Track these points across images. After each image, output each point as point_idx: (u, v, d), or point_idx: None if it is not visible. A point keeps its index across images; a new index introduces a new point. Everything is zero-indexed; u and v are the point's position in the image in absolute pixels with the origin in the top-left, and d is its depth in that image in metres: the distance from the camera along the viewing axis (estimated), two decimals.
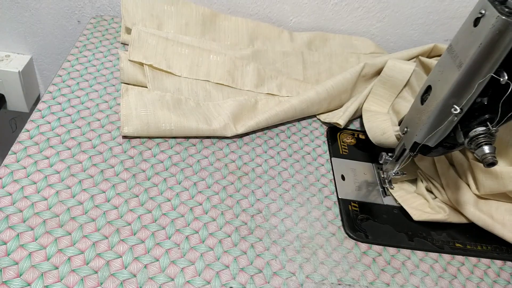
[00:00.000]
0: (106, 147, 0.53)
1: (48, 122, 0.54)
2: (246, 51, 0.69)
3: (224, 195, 0.52)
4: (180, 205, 0.50)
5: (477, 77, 0.41)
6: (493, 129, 0.43)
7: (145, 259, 0.44)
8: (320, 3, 0.77)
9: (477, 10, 0.40)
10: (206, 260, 0.45)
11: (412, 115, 0.51)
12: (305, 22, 0.80)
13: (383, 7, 0.78)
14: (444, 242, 0.53)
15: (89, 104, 0.58)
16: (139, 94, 0.56)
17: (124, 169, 0.51)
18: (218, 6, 0.77)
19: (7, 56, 0.85)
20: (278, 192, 0.54)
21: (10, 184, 0.47)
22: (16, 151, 0.50)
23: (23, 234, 0.43)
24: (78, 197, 0.47)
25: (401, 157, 0.54)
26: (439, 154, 0.50)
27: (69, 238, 0.44)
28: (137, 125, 0.53)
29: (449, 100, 0.44)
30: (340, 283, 0.47)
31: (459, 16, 0.79)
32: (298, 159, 0.60)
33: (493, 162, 0.42)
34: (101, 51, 0.67)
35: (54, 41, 0.84)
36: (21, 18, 0.80)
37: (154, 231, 0.46)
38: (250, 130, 0.59)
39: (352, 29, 0.81)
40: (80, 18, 0.80)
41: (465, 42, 0.42)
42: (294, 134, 0.63)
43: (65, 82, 0.60)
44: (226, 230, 0.49)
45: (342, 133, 0.65)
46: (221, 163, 0.56)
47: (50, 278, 0.40)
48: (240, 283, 0.44)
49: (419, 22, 0.80)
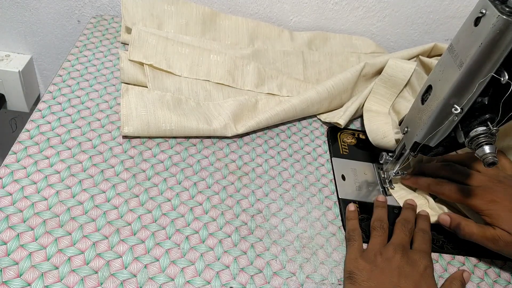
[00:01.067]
0: (106, 147, 0.53)
1: (48, 122, 0.54)
2: (246, 50, 0.69)
3: (224, 195, 0.52)
4: (180, 205, 0.50)
5: (478, 77, 0.41)
6: (494, 129, 0.43)
7: (145, 259, 0.44)
8: (320, 3, 0.77)
9: (478, 9, 0.40)
10: (206, 260, 0.45)
11: (412, 115, 0.51)
12: (305, 22, 0.80)
13: (383, 6, 0.78)
14: (445, 242, 0.53)
15: (89, 104, 0.58)
16: (140, 94, 0.56)
17: (124, 169, 0.51)
18: (218, 6, 0.77)
19: (7, 56, 0.85)
20: (278, 192, 0.54)
21: (10, 184, 0.47)
22: (16, 151, 0.50)
23: (23, 234, 0.43)
24: (78, 197, 0.47)
25: (401, 157, 0.54)
26: (440, 154, 0.50)
27: (69, 238, 0.44)
28: (138, 125, 0.53)
29: (450, 99, 0.44)
30: (340, 283, 0.47)
31: (460, 16, 0.79)
32: (298, 159, 0.59)
33: (494, 162, 0.42)
34: (101, 50, 0.67)
35: (54, 40, 0.84)
36: (21, 18, 0.80)
37: (154, 231, 0.46)
38: (250, 130, 0.59)
39: (352, 28, 0.81)
40: (80, 18, 0.80)
41: (466, 41, 0.42)
42: (295, 134, 0.63)
43: (65, 82, 0.60)
44: (226, 230, 0.49)
45: (342, 133, 0.64)
46: (221, 163, 0.56)
47: (50, 278, 0.40)
48: (240, 283, 0.44)
49: (419, 22, 0.80)
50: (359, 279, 0.44)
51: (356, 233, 0.50)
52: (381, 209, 0.53)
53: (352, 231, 0.50)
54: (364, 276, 0.45)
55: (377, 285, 0.43)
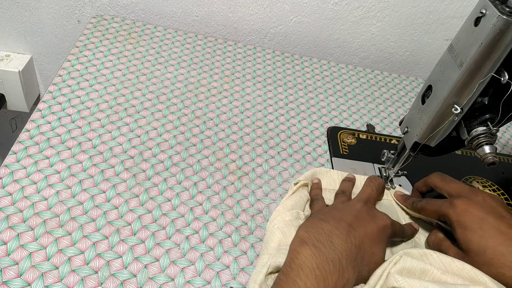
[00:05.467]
0: (106, 147, 0.53)
1: (48, 122, 0.54)
2: None
3: (224, 195, 0.52)
4: (180, 205, 0.50)
5: (478, 77, 0.41)
6: (494, 129, 0.43)
7: (145, 259, 0.44)
8: (320, 3, 0.77)
9: (478, 9, 0.40)
10: (206, 260, 0.45)
11: (412, 115, 0.51)
12: (305, 22, 0.80)
13: (383, 6, 0.78)
14: None
15: (89, 104, 0.58)
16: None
17: (124, 169, 0.51)
18: (218, 6, 0.77)
19: (7, 56, 0.85)
20: (278, 192, 0.54)
21: (10, 184, 0.47)
22: (17, 151, 0.50)
23: (23, 234, 0.43)
24: (78, 197, 0.47)
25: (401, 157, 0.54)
26: (440, 154, 0.50)
27: (69, 238, 0.44)
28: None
29: (450, 99, 0.44)
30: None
31: (460, 16, 0.79)
32: (298, 159, 0.59)
33: (494, 161, 0.42)
34: (102, 50, 0.67)
35: (54, 40, 0.84)
36: (21, 18, 0.80)
37: (154, 231, 0.46)
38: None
39: (352, 28, 0.81)
40: (80, 18, 0.80)
41: (466, 41, 0.42)
42: (295, 134, 0.63)
43: (66, 81, 0.60)
44: (226, 230, 0.49)
45: (342, 133, 0.64)
46: (221, 163, 0.56)
47: (50, 278, 0.40)
48: (241, 283, 0.44)
49: (419, 22, 0.80)
50: (315, 215, 0.44)
51: (320, 196, 0.50)
52: (347, 182, 0.53)
53: (315, 195, 0.50)
54: (319, 213, 0.44)
55: (327, 218, 0.42)
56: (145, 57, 0.69)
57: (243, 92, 0.68)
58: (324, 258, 0.37)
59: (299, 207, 0.49)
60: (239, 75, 0.71)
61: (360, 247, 0.40)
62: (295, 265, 0.37)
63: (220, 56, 0.74)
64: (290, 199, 0.49)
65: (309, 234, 0.40)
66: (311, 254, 0.37)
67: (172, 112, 0.61)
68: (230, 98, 0.66)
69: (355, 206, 0.45)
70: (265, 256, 0.43)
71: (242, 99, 0.67)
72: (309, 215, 0.48)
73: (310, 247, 0.38)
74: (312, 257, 0.37)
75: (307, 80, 0.75)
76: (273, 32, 0.82)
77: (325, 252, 0.38)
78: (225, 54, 0.75)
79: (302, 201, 0.50)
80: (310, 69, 0.78)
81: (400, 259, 0.41)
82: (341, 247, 0.39)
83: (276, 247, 0.43)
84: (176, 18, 0.80)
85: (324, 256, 0.37)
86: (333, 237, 0.39)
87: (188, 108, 0.62)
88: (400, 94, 0.78)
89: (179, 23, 0.81)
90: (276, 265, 0.41)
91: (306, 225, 0.42)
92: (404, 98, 0.77)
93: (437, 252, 0.43)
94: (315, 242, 0.39)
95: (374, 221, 0.43)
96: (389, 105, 0.75)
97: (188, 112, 0.62)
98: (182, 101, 0.63)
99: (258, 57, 0.77)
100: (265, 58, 0.77)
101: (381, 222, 0.44)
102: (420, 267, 0.41)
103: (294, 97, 0.70)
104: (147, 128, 0.57)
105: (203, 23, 0.80)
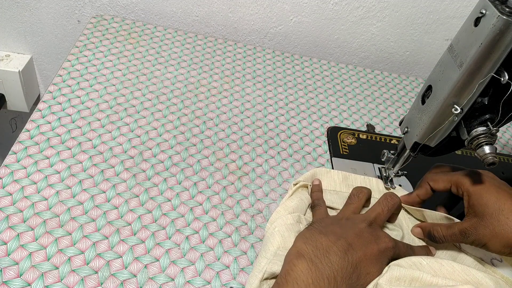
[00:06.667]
0: (106, 147, 0.53)
1: (48, 122, 0.54)
2: None
3: (224, 195, 0.52)
4: (180, 205, 0.50)
5: (478, 77, 0.41)
6: (494, 129, 0.43)
7: (145, 259, 0.44)
8: (320, 3, 0.77)
9: (478, 9, 0.40)
10: (207, 260, 0.45)
11: (412, 115, 0.51)
12: (305, 22, 0.80)
13: (383, 6, 0.78)
14: None
15: (89, 104, 0.58)
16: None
17: (124, 169, 0.51)
18: (218, 6, 0.77)
19: (7, 56, 0.85)
20: (278, 192, 0.54)
21: (10, 184, 0.47)
22: (17, 151, 0.50)
23: (23, 234, 0.43)
24: (78, 197, 0.47)
25: (401, 157, 0.54)
26: (440, 154, 0.50)
27: (69, 238, 0.44)
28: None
29: (450, 99, 0.44)
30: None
31: (460, 16, 0.79)
32: (298, 159, 0.59)
33: (494, 162, 0.42)
34: (102, 50, 0.67)
35: (54, 40, 0.84)
36: (21, 18, 0.80)
37: (154, 231, 0.46)
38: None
39: (352, 28, 0.81)
40: (80, 18, 0.80)
41: (466, 41, 0.42)
42: (295, 134, 0.63)
43: (66, 82, 0.60)
44: (226, 230, 0.49)
45: (342, 133, 0.64)
46: (221, 163, 0.56)
47: (50, 278, 0.40)
48: (241, 283, 0.44)
49: (419, 22, 0.80)
50: (316, 226, 0.43)
51: (321, 201, 0.50)
52: (362, 194, 0.51)
53: (317, 199, 0.50)
54: (320, 225, 0.43)
55: (327, 232, 0.41)
56: (145, 57, 0.69)
57: (243, 92, 0.68)
58: (320, 274, 0.37)
59: (300, 211, 0.48)
60: (239, 75, 0.71)
61: (356, 267, 0.40)
62: (290, 278, 0.37)
63: (220, 56, 0.74)
64: (291, 201, 0.49)
65: (307, 247, 0.40)
66: (307, 268, 0.38)
67: (172, 112, 0.61)
68: (230, 98, 0.66)
69: (359, 225, 0.44)
70: (263, 260, 0.43)
71: (242, 99, 0.67)
72: (310, 220, 0.48)
73: (307, 261, 0.38)
74: (308, 271, 0.37)
75: (307, 80, 0.75)
76: (273, 32, 0.82)
77: (321, 268, 0.38)
78: (225, 54, 0.75)
79: (304, 204, 0.49)
80: (310, 69, 0.78)
81: (388, 269, 0.41)
82: (338, 265, 0.39)
83: (274, 251, 0.43)
84: (176, 18, 0.80)
85: (320, 272, 0.37)
86: (330, 253, 0.39)
87: (188, 108, 0.62)
88: (400, 94, 0.78)
89: (179, 23, 0.81)
90: (271, 272, 0.41)
91: (306, 236, 0.42)
92: (404, 98, 0.77)
93: (426, 259, 0.44)
94: (312, 257, 0.39)
95: (376, 242, 0.43)
96: (389, 105, 0.75)
97: (188, 112, 0.62)
98: (182, 101, 0.63)
99: (258, 57, 0.77)
100: (265, 58, 0.77)
101: (383, 244, 0.43)
102: (409, 274, 0.41)
103: (294, 97, 0.70)
104: (147, 128, 0.57)
105: (203, 23, 0.81)
